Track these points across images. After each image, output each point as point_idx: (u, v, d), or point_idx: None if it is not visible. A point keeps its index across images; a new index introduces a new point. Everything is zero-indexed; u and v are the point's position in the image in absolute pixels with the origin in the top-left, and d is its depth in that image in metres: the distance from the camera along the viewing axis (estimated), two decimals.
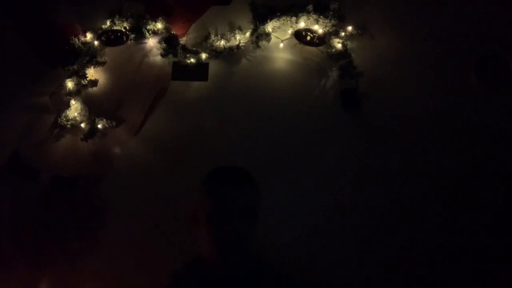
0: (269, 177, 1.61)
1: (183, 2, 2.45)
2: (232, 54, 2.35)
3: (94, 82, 2.39)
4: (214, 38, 2.35)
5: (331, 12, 2.28)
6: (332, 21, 2.28)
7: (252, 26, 2.33)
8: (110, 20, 2.42)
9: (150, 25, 2.39)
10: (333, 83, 2.31)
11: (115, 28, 2.41)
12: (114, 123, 2.31)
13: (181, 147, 2.27)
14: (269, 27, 2.32)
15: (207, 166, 1.20)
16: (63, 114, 2.30)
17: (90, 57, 2.37)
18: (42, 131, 2.35)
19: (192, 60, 2.35)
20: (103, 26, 2.42)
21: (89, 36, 2.41)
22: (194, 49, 2.36)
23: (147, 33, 2.39)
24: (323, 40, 2.31)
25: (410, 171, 2.17)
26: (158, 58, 2.39)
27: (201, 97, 2.35)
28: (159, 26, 2.39)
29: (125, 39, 2.40)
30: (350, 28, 2.30)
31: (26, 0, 2.47)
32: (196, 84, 2.37)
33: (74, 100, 2.32)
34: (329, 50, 2.30)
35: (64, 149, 2.33)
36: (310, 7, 2.28)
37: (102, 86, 2.40)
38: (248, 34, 2.34)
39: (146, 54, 2.42)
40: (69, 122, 2.30)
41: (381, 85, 2.26)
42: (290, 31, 2.34)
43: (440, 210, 2.12)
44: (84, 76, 2.34)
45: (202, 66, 2.35)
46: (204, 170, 1.21)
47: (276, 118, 2.28)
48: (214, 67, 2.36)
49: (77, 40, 2.39)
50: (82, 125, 2.30)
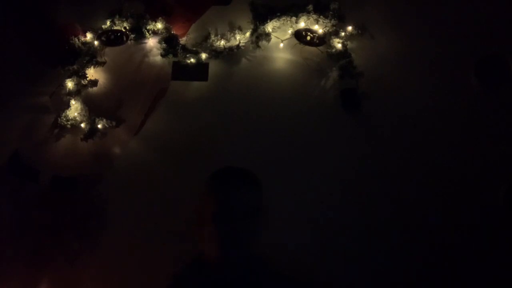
0: (269, 177, 1.60)
1: (183, 2, 2.46)
2: (232, 54, 2.36)
3: (94, 82, 2.39)
4: (214, 38, 2.36)
5: (331, 12, 2.28)
6: (332, 21, 2.28)
7: (252, 26, 2.33)
8: (110, 20, 2.42)
9: (150, 25, 2.39)
10: (333, 83, 2.31)
11: (115, 28, 2.42)
12: (114, 123, 2.31)
13: (181, 147, 2.27)
14: (269, 27, 2.32)
15: (207, 166, 1.20)
16: (63, 114, 2.31)
17: (90, 57, 2.37)
18: (42, 131, 2.35)
19: (192, 60, 2.35)
20: (103, 26, 2.43)
21: (89, 36, 2.42)
22: (194, 49, 2.36)
23: (147, 33, 2.40)
24: (323, 40, 2.32)
25: (410, 171, 2.17)
26: (158, 58, 2.39)
27: (201, 97, 2.35)
28: (159, 26, 2.39)
29: (125, 39, 2.41)
30: (350, 28, 2.30)
31: (26, 0, 2.47)
32: (196, 84, 2.37)
33: (74, 100, 2.32)
34: (329, 50, 2.30)
35: (64, 149, 2.33)
36: (310, 7, 2.28)
37: (102, 86, 2.40)
38: (248, 34, 2.35)
39: (146, 54, 2.42)
40: (69, 122, 2.30)
41: (381, 85, 2.26)
42: (290, 31, 2.34)
43: (440, 210, 2.12)
44: (84, 76, 2.35)
45: (202, 66, 2.35)
46: (204, 170, 1.20)
47: (276, 118, 2.29)
48: (214, 67, 2.36)
49: (77, 40, 2.40)
50: (82, 125, 2.30)
